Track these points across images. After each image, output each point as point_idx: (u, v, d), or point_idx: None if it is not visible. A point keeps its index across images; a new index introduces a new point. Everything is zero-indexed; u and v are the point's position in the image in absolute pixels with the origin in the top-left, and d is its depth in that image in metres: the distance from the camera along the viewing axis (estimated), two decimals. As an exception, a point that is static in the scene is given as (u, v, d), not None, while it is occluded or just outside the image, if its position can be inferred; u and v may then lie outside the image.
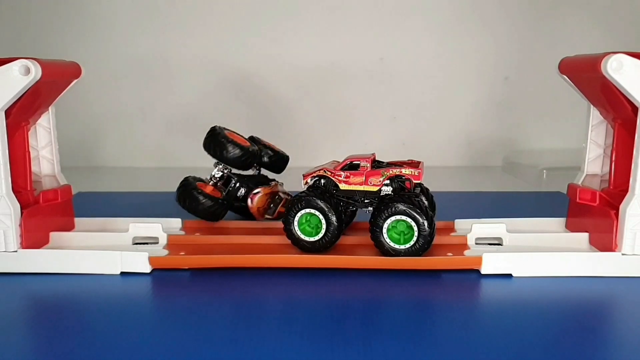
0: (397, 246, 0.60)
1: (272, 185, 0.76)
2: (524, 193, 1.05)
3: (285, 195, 0.77)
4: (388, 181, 0.63)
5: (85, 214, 0.73)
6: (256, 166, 0.80)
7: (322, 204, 0.62)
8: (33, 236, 0.62)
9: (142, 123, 1.32)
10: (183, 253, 0.64)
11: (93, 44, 1.28)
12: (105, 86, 1.29)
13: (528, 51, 1.28)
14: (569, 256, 0.59)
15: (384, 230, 0.60)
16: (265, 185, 0.76)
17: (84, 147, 1.31)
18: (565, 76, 0.66)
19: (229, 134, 0.75)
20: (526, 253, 0.60)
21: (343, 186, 0.64)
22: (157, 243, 0.68)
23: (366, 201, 0.64)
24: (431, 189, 0.70)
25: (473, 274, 0.60)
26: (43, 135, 0.69)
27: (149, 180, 1.20)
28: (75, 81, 0.68)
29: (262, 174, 0.81)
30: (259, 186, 0.75)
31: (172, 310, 0.53)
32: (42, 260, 0.60)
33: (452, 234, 0.69)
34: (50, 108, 0.68)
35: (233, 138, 0.74)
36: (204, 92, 1.31)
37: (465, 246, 0.66)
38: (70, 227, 0.71)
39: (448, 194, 0.92)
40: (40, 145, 0.69)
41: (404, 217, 0.60)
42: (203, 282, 0.58)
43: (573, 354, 0.43)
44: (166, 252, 0.64)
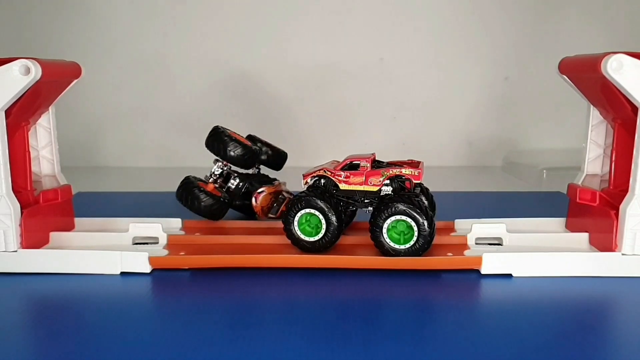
0: (397, 246, 0.60)
1: (276, 184, 0.77)
2: (524, 193, 1.05)
3: (288, 194, 0.77)
4: (388, 181, 0.63)
5: (85, 214, 0.73)
6: (256, 165, 0.81)
7: (322, 204, 0.62)
8: (33, 236, 0.62)
9: (142, 123, 1.32)
10: (183, 253, 0.64)
11: (93, 44, 1.27)
12: (105, 86, 1.29)
13: (528, 51, 1.28)
14: (569, 256, 0.59)
15: (384, 230, 0.60)
16: (268, 184, 0.76)
17: (84, 147, 1.31)
18: (565, 76, 0.66)
19: (231, 133, 0.76)
20: (526, 253, 0.60)
21: (343, 186, 0.64)
22: (157, 243, 0.68)
23: (366, 201, 0.64)
24: (431, 189, 0.70)
25: (473, 274, 0.60)
26: (43, 135, 0.69)
27: (149, 180, 1.20)
28: (75, 81, 0.68)
29: (263, 173, 0.81)
30: (263, 185, 0.75)
31: (172, 310, 0.53)
32: (42, 260, 0.60)
33: (452, 234, 0.69)
34: (50, 108, 0.68)
35: (235, 137, 0.76)
36: (205, 92, 1.31)
37: (465, 246, 0.66)
38: (70, 227, 0.71)
39: (448, 194, 0.92)
40: (40, 145, 0.69)
41: (404, 217, 0.60)
42: (203, 282, 0.58)
43: (573, 354, 0.43)
44: (166, 252, 0.64)
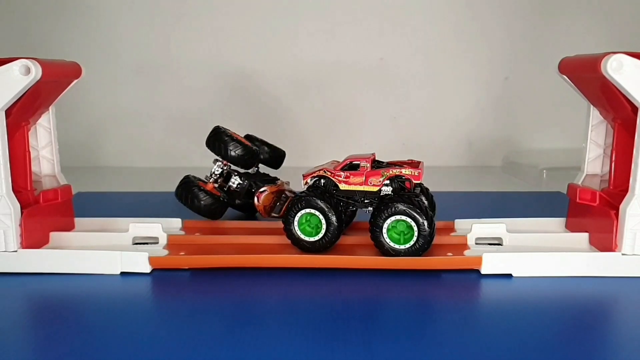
0: (397, 246, 0.60)
1: (278, 183, 0.77)
2: (524, 193, 1.04)
3: (291, 193, 0.77)
4: (388, 181, 0.63)
5: (85, 214, 0.73)
6: (255, 165, 0.81)
7: (322, 204, 0.62)
8: (33, 236, 0.62)
9: (143, 123, 1.32)
10: (183, 253, 0.64)
11: (93, 44, 1.27)
12: (105, 86, 1.29)
13: (528, 51, 1.28)
14: (569, 256, 0.59)
15: (384, 230, 0.60)
16: (270, 183, 0.76)
17: (84, 147, 1.31)
18: (565, 76, 0.66)
19: (232, 134, 0.77)
20: (526, 253, 0.60)
21: (343, 186, 0.64)
22: (157, 243, 0.68)
23: (366, 201, 0.64)
24: (431, 189, 0.70)
25: (473, 274, 0.60)
26: (43, 135, 0.69)
27: (149, 180, 1.20)
28: (75, 81, 0.68)
29: (264, 173, 0.82)
30: (265, 184, 0.75)
31: (172, 310, 0.53)
32: (42, 260, 0.60)
33: (452, 234, 0.69)
34: (50, 108, 0.68)
35: (236, 137, 0.77)
36: (205, 92, 1.31)
37: (465, 246, 0.66)
38: (70, 227, 0.71)
39: (448, 194, 0.92)
40: (40, 145, 0.69)
41: (404, 217, 0.60)
42: (203, 282, 0.58)
43: (573, 354, 0.43)
44: (166, 252, 0.64)
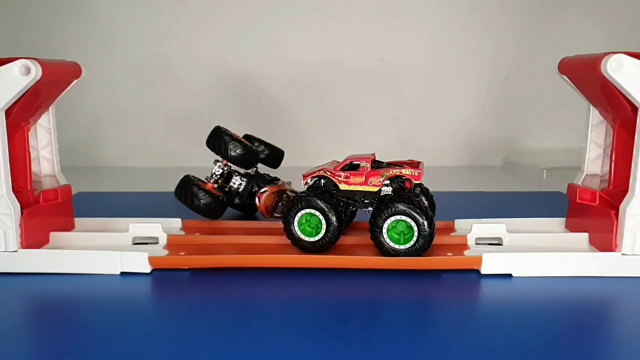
0: (397, 246, 0.60)
1: (279, 183, 0.77)
2: (524, 193, 1.05)
3: (292, 193, 0.77)
4: (388, 181, 0.63)
5: (85, 214, 0.73)
6: (255, 165, 0.81)
7: (322, 204, 0.62)
8: (33, 236, 0.62)
9: (142, 123, 1.32)
10: (183, 253, 0.64)
11: (93, 44, 1.28)
12: (105, 86, 1.29)
13: (528, 51, 1.28)
14: (569, 256, 0.59)
15: (384, 230, 0.60)
16: (271, 184, 0.76)
17: (84, 147, 1.31)
18: (565, 76, 0.66)
19: (232, 133, 0.77)
20: (526, 253, 0.60)
21: (343, 186, 0.64)
22: (157, 243, 0.68)
23: (366, 201, 0.64)
24: (431, 189, 0.70)
25: (473, 274, 0.60)
26: (43, 135, 0.69)
27: (149, 180, 1.20)
28: (75, 81, 0.68)
29: (266, 173, 0.82)
30: (266, 185, 0.75)
31: (172, 310, 0.53)
32: (42, 260, 0.60)
33: (452, 234, 0.69)
34: (50, 108, 0.68)
35: (236, 137, 0.77)
36: (204, 92, 1.31)
37: (465, 246, 0.66)
38: (70, 227, 0.71)
39: (448, 194, 0.92)
40: (40, 145, 0.69)
41: (404, 217, 0.60)
42: (203, 282, 0.58)
43: (573, 354, 0.43)
44: (166, 252, 0.64)
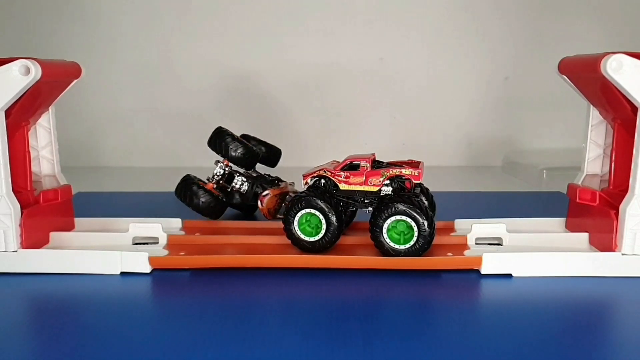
0: (397, 246, 0.60)
1: (282, 185, 0.77)
2: (524, 193, 1.05)
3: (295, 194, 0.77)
4: (388, 181, 0.63)
5: (85, 214, 0.73)
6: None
7: (322, 204, 0.62)
8: (33, 236, 0.62)
9: (143, 123, 1.32)
10: (183, 253, 0.64)
11: (93, 44, 1.27)
12: (105, 86, 1.29)
13: (528, 51, 1.28)
14: (569, 256, 0.59)
15: (384, 230, 0.60)
16: (274, 186, 0.76)
17: (84, 147, 1.31)
18: (564, 76, 0.66)
19: (233, 134, 0.78)
20: (526, 253, 0.60)
21: (343, 186, 0.64)
22: (157, 243, 0.68)
23: (366, 201, 0.64)
24: (431, 189, 0.70)
25: (473, 274, 0.60)
26: (43, 135, 0.69)
27: (149, 180, 1.20)
28: (75, 81, 0.68)
29: (267, 173, 0.82)
30: (268, 188, 0.75)
31: (172, 310, 0.53)
32: (42, 260, 0.60)
33: (452, 234, 0.69)
34: (50, 108, 0.68)
35: (237, 138, 0.77)
36: (205, 93, 1.31)
37: (465, 246, 0.66)
38: (70, 227, 0.71)
39: (448, 194, 0.92)
40: (40, 145, 0.69)
41: (404, 217, 0.60)
42: (203, 282, 0.58)
43: (573, 354, 0.43)
44: (166, 252, 0.64)
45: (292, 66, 1.29)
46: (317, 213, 0.62)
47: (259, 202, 0.74)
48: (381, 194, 0.63)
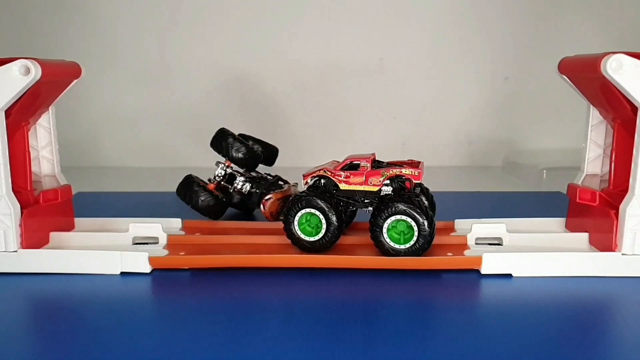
0: (397, 246, 0.60)
1: (285, 188, 0.76)
2: (524, 193, 1.05)
3: None
4: (388, 181, 0.63)
5: (85, 214, 0.73)
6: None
7: (322, 204, 0.62)
8: (33, 236, 0.62)
9: (142, 123, 1.32)
10: (183, 253, 0.64)
11: (93, 44, 1.28)
12: (105, 86, 1.29)
13: (528, 51, 1.28)
14: (569, 256, 0.59)
15: (384, 230, 0.60)
16: (277, 188, 0.76)
17: (84, 147, 1.31)
18: (565, 76, 0.66)
19: (236, 136, 0.78)
20: (526, 253, 0.60)
21: (343, 186, 0.64)
22: (157, 243, 0.68)
23: (366, 201, 0.64)
24: (431, 189, 0.70)
25: (473, 274, 0.60)
26: (43, 135, 0.69)
27: (149, 180, 1.20)
28: (75, 81, 0.68)
29: (267, 174, 0.81)
30: (270, 192, 0.75)
31: (172, 310, 0.53)
32: (42, 260, 0.60)
33: (452, 234, 0.69)
34: (50, 108, 0.68)
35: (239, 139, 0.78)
36: (205, 93, 1.31)
37: (465, 246, 0.66)
38: (70, 227, 0.71)
39: (448, 194, 0.92)
40: (40, 145, 0.69)
41: (404, 217, 0.60)
42: (203, 282, 0.58)
43: (573, 354, 0.43)
44: (166, 252, 0.64)
45: (293, 66, 1.29)
46: (317, 213, 0.62)
47: (262, 206, 0.74)
48: (381, 194, 0.63)
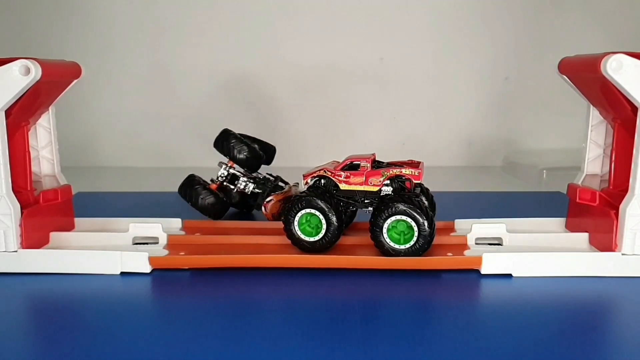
0: (397, 246, 0.60)
1: (286, 189, 0.76)
2: (524, 193, 1.05)
3: None
4: (388, 181, 0.63)
5: (85, 214, 0.73)
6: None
7: (323, 204, 0.62)
8: (33, 236, 0.62)
9: (142, 123, 1.32)
10: (183, 253, 0.64)
11: (94, 44, 1.28)
12: (105, 86, 1.29)
13: (528, 51, 1.28)
14: (569, 256, 0.59)
15: (384, 230, 0.60)
16: (278, 190, 0.76)
17: (84, 147, 1.31)
18: (565, 76, 0.66)
19: (239, 136, 0.79)
20: (526, 253, 0.60)
21: (343, 186, 0.64)
22: (157, 243, 0.68)
23: (366, 201, 0.64)
24: (431, 189, 0.70)
25: (473, 274, 0.60)
26: (43, 135, 0.69)
27: (149, 180, 1.20)
28: (75, 81, 0.68)
29: (269, 174, 0.81)
30: (271, 193, 0.75)
31: (172, 310, 0.53)
32: (42, 260, 0.60)
33: (452, 234, 0.69)
34: (50, 108, 0.68)
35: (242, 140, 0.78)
36: (205, 93, 1.31)
37: (465, 246, 0.66)
38: (70, 227, 0.71)
39: (448, 194, 0.92)
40: (40, 145, 0.69)
41: (404, 217, 0.60)
42: (203, 282, 0.58)
43: (573, 354, 0.43)
44: (166, 252, 0.64)
45: (292, 66, 1.29)
46: (317, 213, 0.62)
47: (263, 208, 0.74)
48: (381, 194, 0.63)
